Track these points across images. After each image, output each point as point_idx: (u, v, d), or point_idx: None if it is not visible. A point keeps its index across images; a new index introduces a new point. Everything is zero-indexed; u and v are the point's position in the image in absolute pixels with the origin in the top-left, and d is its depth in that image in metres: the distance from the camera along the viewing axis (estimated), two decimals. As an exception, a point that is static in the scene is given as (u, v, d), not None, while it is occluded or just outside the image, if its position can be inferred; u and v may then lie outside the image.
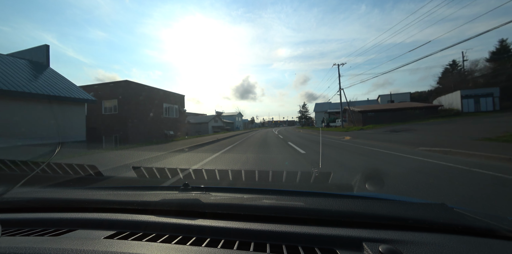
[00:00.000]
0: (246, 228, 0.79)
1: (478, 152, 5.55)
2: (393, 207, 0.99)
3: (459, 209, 0.93)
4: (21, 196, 1.17)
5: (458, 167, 4.47)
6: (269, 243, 0.73)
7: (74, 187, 3.24)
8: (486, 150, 5.67)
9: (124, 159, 6.34)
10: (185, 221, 0.86)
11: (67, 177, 3.24)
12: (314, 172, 2.30)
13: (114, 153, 8.12)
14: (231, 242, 0.74)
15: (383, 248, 0.63)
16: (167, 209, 0.97)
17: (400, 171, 4.35)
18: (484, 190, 3.13)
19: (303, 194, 1.18)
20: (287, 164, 5.41)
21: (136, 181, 3.64)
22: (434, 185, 3.32)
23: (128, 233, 0.82)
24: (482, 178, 3.70)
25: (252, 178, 2.54)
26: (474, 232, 0.75)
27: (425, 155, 6.07)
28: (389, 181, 3.50)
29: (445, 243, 0.68)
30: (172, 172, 2.87)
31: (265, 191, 1.24)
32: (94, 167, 3.43)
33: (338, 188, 2.94)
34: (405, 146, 8.18)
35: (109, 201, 1.10)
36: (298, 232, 0.76)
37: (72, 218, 0.95)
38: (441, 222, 0.80)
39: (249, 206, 0.96)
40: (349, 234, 0.74)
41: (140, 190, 1.33)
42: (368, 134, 15.73)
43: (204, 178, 2.57)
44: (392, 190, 3.03)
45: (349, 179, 3.75)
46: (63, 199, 1.17)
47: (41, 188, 1.27)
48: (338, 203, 0.92)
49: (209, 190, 1.20)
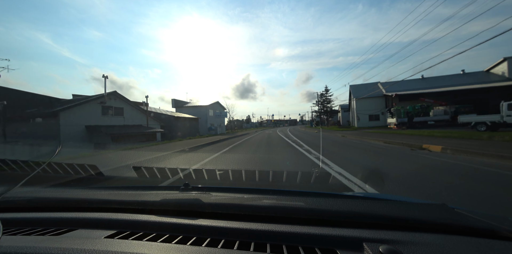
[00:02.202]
0: (247, 228, 0.79)
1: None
2: (393, 207, 0.99)
3: (460, 210, 0.93)
4: (22, 195, 1.17)
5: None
6: (269, 243, 0.73)
7: (74, 186, 3.25)
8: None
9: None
10: (185, 221, 0.86)
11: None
12: (315, 172, 2.30)
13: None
14: (231, 242, 0.74)
15: (383, 249, 0.63)
16: (167, 208, 0.97)
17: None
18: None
19: (303, 194, 1.18)
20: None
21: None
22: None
23: (128, 232, 0.82)
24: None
25: (252, 178, 2.54)
26: (475, 232, 0.75)
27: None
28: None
29: (446, 244, 0.68)
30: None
31: (265, 191, 1.24)
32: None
33: (338, 188, 2.94)
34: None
35: (109, 200, 1.10)
36: (298, 232, 0.76)
37: (73, 218, 0.95)
38: (442, 222, 0.80)
39: (250, 206, 0.96)
40: (350, 234, 0.74)
41: (141, 189, 1.33)
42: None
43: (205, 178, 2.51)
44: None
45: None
46: (63, 198, 1.18)
47: (42, 188, 1.28)
48: (338, 203, 0.92)
49: (210, 190, 1.20)
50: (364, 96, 29.26)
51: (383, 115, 28.69)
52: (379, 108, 29.38)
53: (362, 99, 30.17)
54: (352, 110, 34.80)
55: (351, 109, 36.07)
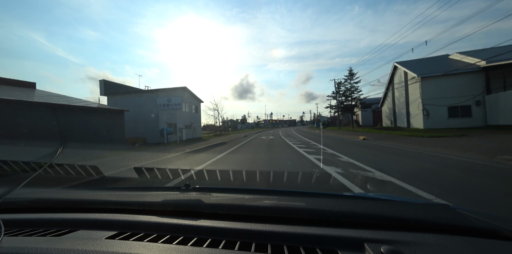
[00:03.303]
0: (248, 229, 0.79)
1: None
2: (395, 207, 0.99)
3: (462, 210, 0.92)
4: (23, 196, 1.18)
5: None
6: (271, 244, 0.72)
7: (75, 187, 3.26)
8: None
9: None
10: (186, 222, 0.86)
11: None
12: (316, 172, 2.30)
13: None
14: (232, 242, 0.74)
15: (385, 249, 0.63)
16: (168, 209, 0.97)
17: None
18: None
19: (304, 195, 1.17)
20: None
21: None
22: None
23: (129, 233, 0.82)
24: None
25: (253, 178, 2.54)
26: (477, 233, 0.75)
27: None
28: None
29: (447, 244, 0.68)
30: None
31: (266, 192, 1.24)
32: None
33: (339, 188, 2.93)
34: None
35: (111, 201, 1.10)
36: (299, 233, 0.75)
37: (74, 219, 0.95)
38: (443, 222, 0.80)
39: (250, 207, 0.96)
40: (351, 234, 0.73)
41: (142, 190, 1.33)
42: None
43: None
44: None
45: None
46: (65, 199, 1.18)
47: (43, 189, 1.29)
48: (339, 203, 0.92)
49: (210, 190, 1.20)
50: (438, 74, 16.57)
51: (478, 108, 16.29)
52: (470, 94, 16.37)
53: (432, 80, 17.10)
54: (399, 102, 22.26)
55: (396, 101, 23.24)
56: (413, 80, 19.20)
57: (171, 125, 19.15)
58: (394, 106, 24.01)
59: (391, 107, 24.74)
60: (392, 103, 24.52)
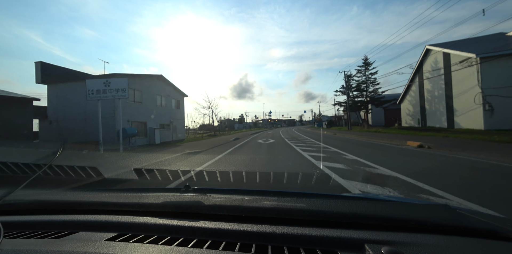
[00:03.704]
0: (248, 230, 0.79)
1: None
2: (395, 208, 0.99)
3: (462, 210, 0.92)
4: (23, 198, 1.17)
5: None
6: (271, 245, 0.72)
7: (75, 188, 3.24)
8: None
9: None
10: (186, 223, 0.86)
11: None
12: (316, 173, 2.30)
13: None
14: (232, 244, 0.73)
15: (385, 250, 0.63)
16: (168, 211, 0.97)
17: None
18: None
19: (304, 196, 1.17)
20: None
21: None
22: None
23: (129, 235, 0.82)
24: None
25: (253, 179, 2.54)
26: (478, 233, 0.75)
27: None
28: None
29: (448, 245, 0.68)
30: None
31: (266, 193, 1.23)
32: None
33: (339, 189, 2.93)
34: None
35: (110, 203, 1.10)
36: (299, 234, 0.75)
37: (74, 220, 0.95)
38: (444, 223, 0.80)
39: (251, 208, 0.96)
40: (351, 235, 0.73)
41: (142, 192, 1.33)
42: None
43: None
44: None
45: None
46: (64, 201, 1.18)
47: (43, 190, 1.28)
48: (339, 204, 0.92)
49: (210, 191, 1.19)
50: (509, 52, 12.06)
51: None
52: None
53: (496, 63, 12.45)
54: (432, 96, 18.01)
55: (427, 94, 19.01)
56: (464, 63, 13.71)
57: (139, 124, 14.58)
58: (423, 101, 19.41)
59: (417, 103, 20.28)
60: (420, 98, 20.00)
